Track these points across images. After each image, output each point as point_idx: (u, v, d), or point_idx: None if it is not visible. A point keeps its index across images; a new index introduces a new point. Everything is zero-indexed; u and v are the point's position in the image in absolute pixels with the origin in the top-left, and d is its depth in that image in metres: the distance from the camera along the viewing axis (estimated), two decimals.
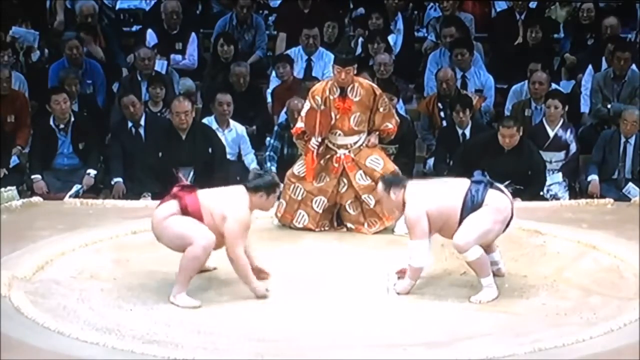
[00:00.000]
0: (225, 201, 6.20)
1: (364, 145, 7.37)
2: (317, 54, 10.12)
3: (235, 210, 6.15)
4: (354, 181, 7.32)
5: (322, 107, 7.23)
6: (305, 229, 7.33)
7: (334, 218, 7.46)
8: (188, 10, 10.70)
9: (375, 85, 7.49)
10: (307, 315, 5.97)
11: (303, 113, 7.38)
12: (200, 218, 6.13)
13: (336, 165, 7.34)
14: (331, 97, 7.29)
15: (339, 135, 7.34)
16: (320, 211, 7.35)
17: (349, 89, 7.28)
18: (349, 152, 7.34)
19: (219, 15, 10.99)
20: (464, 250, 6.19)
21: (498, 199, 6.31)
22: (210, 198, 6.22)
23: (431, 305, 6.09)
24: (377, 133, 7.43)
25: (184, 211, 6.16)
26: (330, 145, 7.36)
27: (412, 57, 10.70)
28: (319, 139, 7.25)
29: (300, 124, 7.39)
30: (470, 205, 6.23)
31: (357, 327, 5.80)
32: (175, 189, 6.27)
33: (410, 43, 10.84)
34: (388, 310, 6.05)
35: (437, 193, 6.31)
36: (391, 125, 7.45)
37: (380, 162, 7.35)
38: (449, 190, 6.32)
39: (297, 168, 7.45)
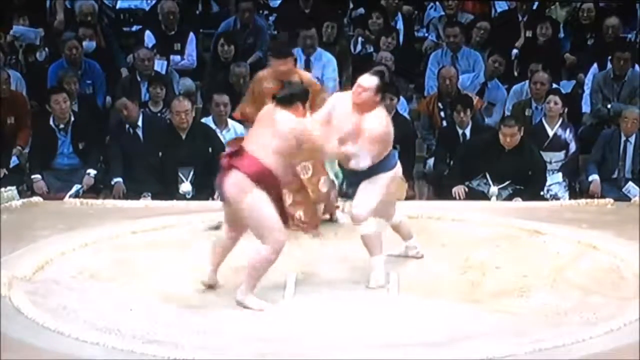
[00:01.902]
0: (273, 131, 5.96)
1: None
2: (315, 55, 10.10)
3: (289, 128, 5.93)
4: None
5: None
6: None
7: None
8: (186, 10, 10.70)
9: (314, 80, 7.40)
10: (307, 315, 5.97)
11: (244, 100, 7.45)
12: (271, 175, 5.94)
13: None
14: (267, 86, 7.16)
15: None
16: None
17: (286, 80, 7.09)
18: None
19: (219, 14, 10.98)
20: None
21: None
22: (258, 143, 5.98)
23: (431, 305, 6.08)
24: None
25: (254, 178, 5.90)
26: None
27: (412, 57, 10.70)
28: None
29: (238, 111, 7.51)
30: None
31: (357, 327, 5.79)
32: (225, 161, 5.99)
33: (410, 43, 10.84)
34: (388, 310, 6.05)
35: None
36: None
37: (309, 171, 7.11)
38: None
39: None
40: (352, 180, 6.32)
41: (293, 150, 6.00)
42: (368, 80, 6.26)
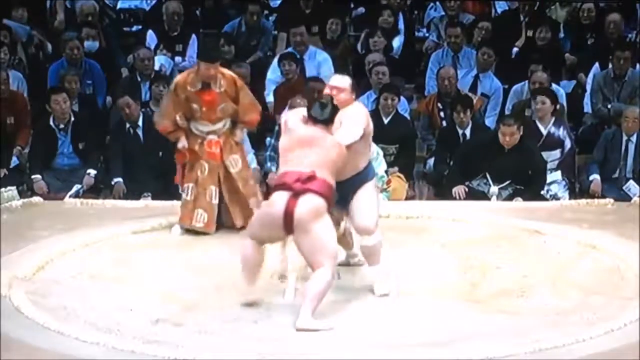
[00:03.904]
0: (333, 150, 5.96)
1: (231, 137, 7.29)
2: (309, 53, 10.09)
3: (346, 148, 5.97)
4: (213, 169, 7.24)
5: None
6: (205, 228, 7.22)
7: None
8: (189, 12, 10.70)
9: (237, 77, 7.40)
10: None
11: (163, 108, 7.34)
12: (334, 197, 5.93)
13: (213, 149, 7.22)
14: (192, 90, 7.16)
15: (206, 124, 7.24)
16: (216, 201, 7.22)
17: (212, 81, 7.18)
18: (217, 136, 7.24)
19: (222, 14, 10.99)
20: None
21: None
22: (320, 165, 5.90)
23: (431, 305, 6.08)
24: (242, 126, 7.35)
25: (328, 201, 5.87)
26: (198, 133, 7.27)
27: (412, 57, 10.70)
28: (185, 143, 7.24)
29: (165, 122, 7.30)
30: None
31: (357, 327, 5.79)
32: (298, 185, 5.84)
33: (410, 43, 10.84)
34: (388, 310, 6.04)
35: None
36: (254, 115, 7.37)
37: (238, 164, 7.26)
38: None
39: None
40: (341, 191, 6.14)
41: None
42: (341, 81, 6.25)
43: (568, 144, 8.98)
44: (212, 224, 7.25)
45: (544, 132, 8.92)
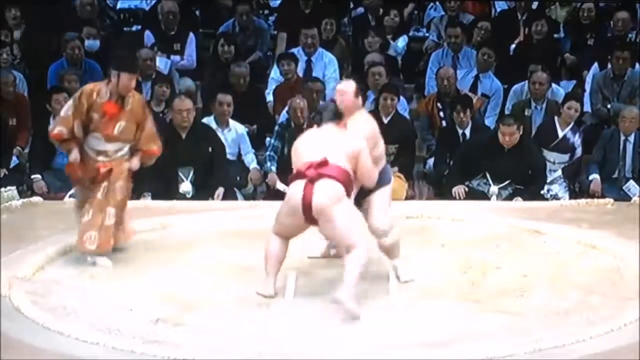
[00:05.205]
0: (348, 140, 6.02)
1: (126, 165, 6.81)
2: (316, 55, 10.11)
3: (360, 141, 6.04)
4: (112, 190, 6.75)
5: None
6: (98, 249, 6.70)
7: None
8: (186, 11, 10.70)
9: (145, 102, 7.08)
10: (306, 315, 5.96)
11: (63, 114, 6.73)
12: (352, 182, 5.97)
13: (101, 171, 6.73)
14: (98, 101, 6.67)
15: (100, 140, 6.71)
16: (112, 222, 6.73)
17: (126, 96, 6.73)
18: (109, 160, 6.73)
19: (220, 15, 10.99)
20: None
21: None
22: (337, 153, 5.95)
23: (431, 305, 6.08)
24: (140, 155, 6.86)
25: (345, 185, 5.90)
26: (88, 150, 6.72)
27: (412, 57, 10.70)
28: (78, 156, 6.68)
29: (60, 128, 6.70)
30: None
31: (357, 327, 5.79)
32: (312, 171, 5.88)
33: (410, 43, 10.85)
34: (388, 310, 6.04)
35: None
36: (155, 147, 6.92)
37: (122, 192, 6.81)
38: None
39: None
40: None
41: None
42: (346, 85, 6.31)
43: (579, 152, 9.03)
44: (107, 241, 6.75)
45: (560, 134, 8.94)
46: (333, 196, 5.84)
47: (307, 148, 6.05)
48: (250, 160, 9.05)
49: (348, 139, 6.03)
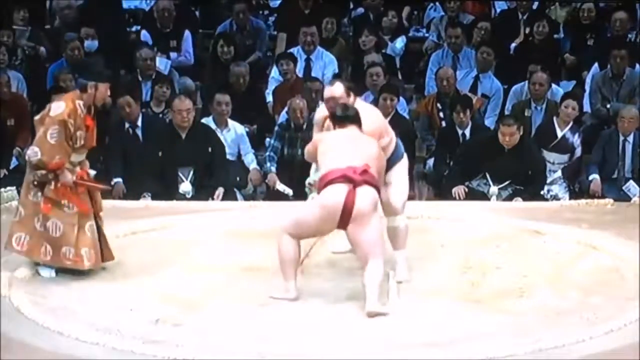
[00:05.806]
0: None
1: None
2: (316, 54, 10.10)
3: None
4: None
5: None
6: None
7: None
8: (182, 8, 10.70)
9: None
10: (307, 315, 5.96)
11: (53, 141, 6.38)
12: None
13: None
14: (81, 116, 6.50)
15: (83, 153, 6.60)
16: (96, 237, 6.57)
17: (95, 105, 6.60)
18: (80, 169, 6.57)
19: (218, 15, 10.99)
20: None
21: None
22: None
23: (431, 306, 6.08)
24: None
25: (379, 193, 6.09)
26: (69, 166, 6.50)
27: (412, 57, 10.70)
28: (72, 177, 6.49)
29: (60, 156, 6.40)
30: None
31: (357, 327, 5.79)
32: (357, 177, 5.98)
33: (410, 43, 10.84)
34: (388, 310, 6.04)
35: None
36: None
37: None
38: None
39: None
40: None
41: None
42: (334, 89, 6.34)
43: (578, 152, 9.03)
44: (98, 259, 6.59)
45: (559, 134, 8.94)
46: (374, 203, 6.01)
47: (341, 151, 6.10)
48: (250, 160, 9.05)
49: (373, 145, 6.16)
